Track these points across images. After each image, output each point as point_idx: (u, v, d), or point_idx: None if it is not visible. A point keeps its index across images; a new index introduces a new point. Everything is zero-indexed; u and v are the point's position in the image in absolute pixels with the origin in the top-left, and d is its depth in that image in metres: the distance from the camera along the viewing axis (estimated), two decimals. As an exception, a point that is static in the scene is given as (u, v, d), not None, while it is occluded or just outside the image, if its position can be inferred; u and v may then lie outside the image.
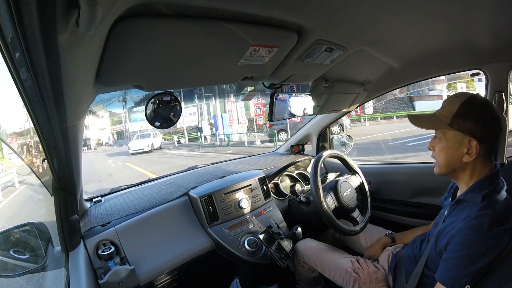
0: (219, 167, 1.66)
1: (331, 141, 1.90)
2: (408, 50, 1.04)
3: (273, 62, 0.80)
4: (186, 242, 1.10)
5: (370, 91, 1.47)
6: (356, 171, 1.42)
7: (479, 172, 0.74)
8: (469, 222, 0.67)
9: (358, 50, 0.91)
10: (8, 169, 5.75)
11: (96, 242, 0.96)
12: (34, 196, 3.67)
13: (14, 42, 0.36)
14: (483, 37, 0.94)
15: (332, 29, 0.71)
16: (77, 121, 0.65)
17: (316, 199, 1.16)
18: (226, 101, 16.57)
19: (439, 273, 0.70)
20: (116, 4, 0.38)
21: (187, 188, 1.27)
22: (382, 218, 1.58)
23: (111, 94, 16.00)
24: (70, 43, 0.38)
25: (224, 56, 0.68)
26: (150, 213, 1.12)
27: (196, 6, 0.48)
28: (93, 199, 1.23)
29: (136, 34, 0.48)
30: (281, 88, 1.05)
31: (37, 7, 0.30)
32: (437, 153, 0.79)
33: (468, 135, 0.71)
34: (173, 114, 0.78)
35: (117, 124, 25.54)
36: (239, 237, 1.16)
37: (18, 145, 2.38)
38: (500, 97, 1.16)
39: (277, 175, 1.53)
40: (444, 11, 0.73)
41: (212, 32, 0.56)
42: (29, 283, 0.99)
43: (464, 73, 1.30)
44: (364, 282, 0.98)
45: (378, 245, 1.15)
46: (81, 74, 0.49)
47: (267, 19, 0.59)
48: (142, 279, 0.93)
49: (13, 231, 0.84)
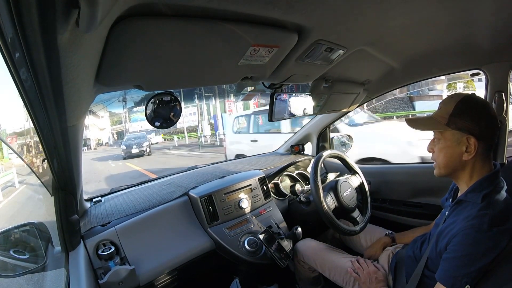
0: (219, 167, 1.65)
1: (331, 141, 1.90)
2: (408, 50, 1.04)
3: (273, 62, 0.80)
4: (186, 242, 1.10)
5: (370, 91, 1.47)
6: (356, 171, 1.42)
7: (479, 171, 0.74)
8: (469, 222, 0.67)
9: (358, 50, 0.91)
10: (8, 169, 5.76)
11: (96, 242, 0.96)
12: (34, 196, 3.68)
13: (14, 42, 0.36)
14: (483, 37, 0.94)
15: (332, 29, 0.71)
16: (77, 121, 0.65)
17: (316, 199, 1.16)
18: (226, 101, 16.57)
19: (439, 273, 0.70)
20: (116, 4, 0.38)
21: (187, 188, 1.27)
22: (382, 218, 1.58)
23: (111, 94, 16.01)
24: (70, 43, 0.38)
25: (224, 56, 0.68)
26: (150, 213, 1.12)
27: (196, 6, 0.48)
28: (93, 199, 1.23)
29: (136, 34, 0.48)
30: (281, 88, 1.05)
31: (37, 7, 0.30)
32: (436, 154, 0.79)
33: (466, 133, 0.71)
34: (173, 114, 0.78)
35: (117, 124, 25.54)
36: (239, 237, 1.16)
37: (18, 145, 2.38)
38: (500, 97, 1.16)
39: (277, 175, 1.53)
40: (444, 11, 0.73)
41: (212, 32, 0.56)
42: (29, 283, 0.99)
43: (464, 73, 1.29)
44: (364, 282, 0.98)
45: (378, 245, 1.15)
46: (81, 74, 0.49)
47: (267, 19, 0.59)
48: (142, 279, 0.93)
49: (13, 231, 0.84)
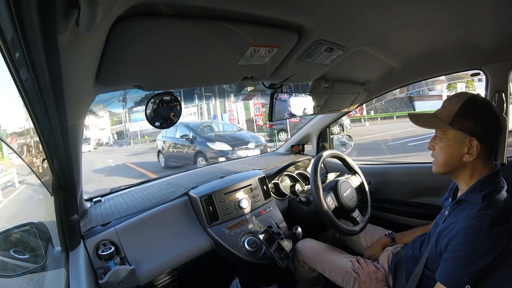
0: (219, 167, 1.65)
1: (331, 141, 1.90)
2: (408, 50, 1.04)
3: (273, 62, 0.80)
4: (186, 242, 1.10)
5: (370, 91, 1.47)
6: (356, 171, 1.42)
7: (479, 172, 0.74)
8: (469, 222, 0.67)
9: (358, 50, 0.91)
10: (8, 169, 5.75)
11: (96, 242, 0.96)
12: (34, 196, 3.67)
13: (14, 42, 0.36)
14: (483, 37, 0.94)
15: (332, 29, 0.71)
16: (77, 121, 0.65)
17: (316, 199, 1.16)
18: (226, 101, 16.56)
19: (439, 273, 0.70)
20: (116, 4, 0.38)
21: (187, 188, 1.27)
22: (382, 218, 1.58)
23: (111, 94, 15.96)
24: (70, 43, 0.38)
25: (224, 56, 0.68)
26: (150, 213, 1.12)
27: (196, 6, 0.48)
28: (93, 199, 1.23)
29: (136, 34, 0.48)
30: (281, 88, 1.05)
31: (37, 7, 0.30)
32: (437, 152, 0.79)
33: (469, 134, 0.71)
34: (173, 114, 0.78)
35: (117, 124, 25.51)
36: (239, 237, 1.16)
37: (18, 145, 2.38)
38: (500, 97, 1.16)
39: (277, 175, 1.53)
40: (444, 11, 0.73)
41: (212, 32, 0.56)
42: (29, 283, 0.99)
43: (464, 73, 1.29)
44: (364, 282, 0.98)
45: (378, 245, 1.15)
46: (81, 74, 0.49)
47: (267, 19, 0.59)
48: (142, 279, 0.93)
49: (13, 231, 0.84)
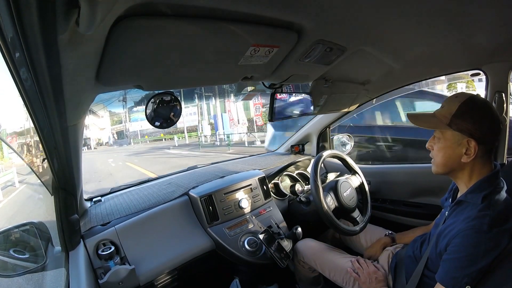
0: (219, 167, 1.66)
1: (331, 141, 1.90)
2: (408, 50, 1.04)
3: (273, 62, 0.80)
4: (186, 242, 1.10)
5: (370, 91, 1.47)
6: (356, 171, 1.42)
7: (478, 172, 0.74)
8: (469, 223, 0.67)
9: (358, 50, 0.91)
10: (8, 169, 5.75)
11: (96, 242, 0.96)
12: (34, 196, 3.67)
13: (14, 42, 0.36)
14: (483, 37, 0.93)
15: (332, 29, 0.71)
16: (77, 121, 0.65)
17: (316, 199, 1.16)
18: (226, 101, 16.57)
19: (439, 274, 0.70)
20: (116, 4, 0.38)
21: (187, 188, 1.27)
22: (382, 218, 1.58)
23: (111, 94, 16.02)
24: (70, 43, 0.38)
25: (224, 56, 0.68)
26: (150, 212, 1.12)
27: (196, 6, 0.48)
28: (93, 199, 1.23)
29: (136, 34, 0.48)
30: (281, 88, 1.05)
31: (37, 7, 0.30)
32: (435, 152, 0.79)
33: (467, 135, 0.71)
34: (173, 114, 0.78)
35: (117, 124, 25.52)
36: (239, 237, 1.16)
37: (18, 144, 2.38)
38: (500, 97, 1.15)
39: (277, 175, 1.53)
40: (444, 12, 0.73)
41: (212, 32, 0.56)
42: (29, 282, 1.00)
43: (464, 73, 1.29)
44: (364, 282, 0.98)
45: (378, 245, 1.15)
46: (81, 74, 0.49)
47: (267, 19, 0.59)
48: (142, 279, 0.93)
49: (13, 231, 0.84)
